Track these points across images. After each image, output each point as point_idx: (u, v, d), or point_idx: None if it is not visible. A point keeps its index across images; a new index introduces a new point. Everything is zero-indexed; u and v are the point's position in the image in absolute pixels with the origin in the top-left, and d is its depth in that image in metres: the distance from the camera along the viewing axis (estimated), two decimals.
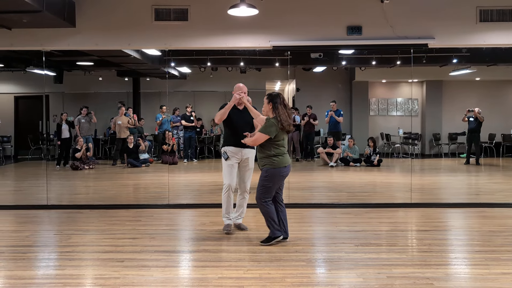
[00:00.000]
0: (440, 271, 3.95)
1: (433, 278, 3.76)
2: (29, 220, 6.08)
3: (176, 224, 5.91)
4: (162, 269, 4.04)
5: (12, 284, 3.72)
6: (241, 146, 5.11)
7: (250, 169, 5.27)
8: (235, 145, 5.15)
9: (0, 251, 4.65)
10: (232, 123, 5.20)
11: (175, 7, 6.66)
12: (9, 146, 12.69)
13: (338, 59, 11.51)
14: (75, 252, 4.55)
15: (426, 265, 4.10)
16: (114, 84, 12.96)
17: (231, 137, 5.23)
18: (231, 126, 5.22)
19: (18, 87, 12.93)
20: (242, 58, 10.95)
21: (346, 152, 11.79)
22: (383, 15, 6.67)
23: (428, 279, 3.75)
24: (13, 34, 6.74)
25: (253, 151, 5.26)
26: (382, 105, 13.75)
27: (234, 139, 5.16)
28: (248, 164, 5.24)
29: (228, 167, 5.17)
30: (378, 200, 7.48)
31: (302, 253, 4.46)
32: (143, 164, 11.50)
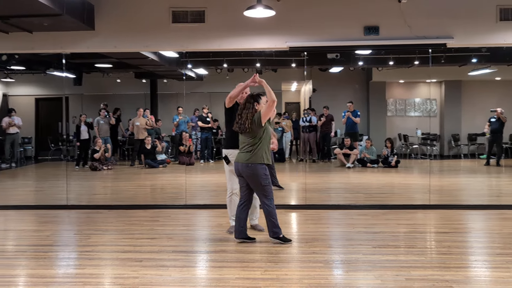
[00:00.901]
0: (460, 274, 3.91)
1: (452, 281, 3.72)
2: (50, 220, 6.19)
3: (193, 225, 5.94)
4: (180, 269, 4.08)
5: (34, 282, 3.79)
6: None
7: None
8: (237, 148, 5.02)
9: (22, 250, 4.75)
10: (233, 124, 5.06)
11: (192, 9, 6.71)
12: (30, 147, 12.93)
13: (355, 60, 11.43)
14: (94, 252, 4.62)
15: (445, 268, 4.05)
16: (132, 86, 13.10)
17: (231, 139, 5.10)
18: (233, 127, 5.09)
19: (38, 89, 13.16)
20: (258, 59, 10.97)
21: (363, 153, 11.71)
22: (400, 15, 6.62)
23: (447, 281, 3.71)
24: (34, 37, 6.88)
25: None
26: (399, 105, 13.61)
27: (234, 141, 5.02)
28: None
29: (230, 172, 5.14)
30: (396, 201, 7.41)
31: (319, 255, 4.45)
32: (160, 165, 11.60)
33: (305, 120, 12.17)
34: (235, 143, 4.99)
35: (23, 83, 13.08)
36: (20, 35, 6.83)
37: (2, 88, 13.13)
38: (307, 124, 12.14)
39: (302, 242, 4.96)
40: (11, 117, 11.70)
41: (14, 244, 5.07)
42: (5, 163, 11.85)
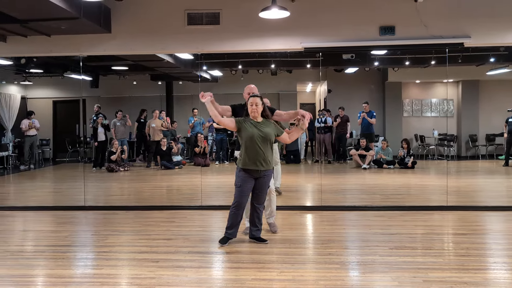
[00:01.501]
0: (478, 276, 3.85)
1: (471, 283, 3.67)
2: (68, 220, 6.27)
3: (209, 225, 5.97)
4: (196, 269, 4.10)
5: (53, 282, 3.85)
6: None
7: (277, 170, 5.21)
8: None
9: (41, 250, 4.82)
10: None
11: (207, 11, 6.74)
12: (48, 149, 13.13)
13: (371, 60, 11.35)
14: (111, 252, 4.67)
15: (463, 270, 3.99)
16: (148, 88, 13.21)
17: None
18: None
19: (56, 92, 13.36)
20: (273, 60, 10.97)
21: (379, 154, 11.62)
22: (416, 14, 6.56)
23: (466, 284, 3.66)
24: (52, 40, 6.99)
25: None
26: (416, 106, 13.47)
27: None
28: None
29: None
30: (412, 202, 7.34)
31: (335, 256, 4.43)
32: (176, 166, 11.67)
33: (320, 121, 12.12)
34: None
35: (41, 86, 13.29)
36: (38, 39, 6.95)
37: (20, 91, 13.36)
38: (322, 125, 12.09)
39: (318, 243, 4.95)
40: (30, 119, 11.90)
41: (33, 244, 5.15)
42: (24, 165, 12.05)
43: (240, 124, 4.73)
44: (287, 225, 5.75)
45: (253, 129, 4.69)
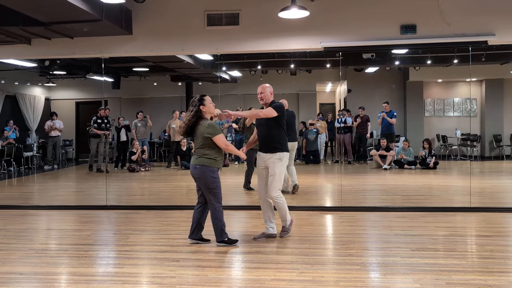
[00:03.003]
0: (503, 279, 3.77)
1: (495, 286, 3.59)
2: (90, 220, 6.37)
3: (228, 225, 5.92)
4: (216, 269, 4.11)
5: (76, 280, 3.91)
6: (261, 150, 5.03)
7: (271, 175, 4.91)
8: (259, 150, 5.08)
9: (64, 248, 4.91)
10: (256, 125, 5.14)
11: (226, 12, 6.77)
12: (71, 149, 13.37)
13: (391, 59, 11.24)
14: (133, 251, 4.73)
15: (488, 272, 3.92)
16: (168, 89, 13.34)
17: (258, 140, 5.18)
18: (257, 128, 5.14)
19: (79, 93, 13.60)
20: (292, 60, 10.95)
21: (400, 154, 11.48)
22: (438, 13, 6.46)
23: (490, 286, 3.58)
24: (75, 42, 7.11)
25: (272, 155, 4.93)
26: (438, 105, 13.28)
27: (260, 144, 5.10)
28: (268, 169, 4.97)
29: (258, 176, 5.13)
30: (434, 203, 7.23)
31: (355, 257, 4.40)
32: None
33: (340, 121, 12.05)
34: (258, 145, 5.10)
35: (64, 87, 13.55)
36: (61, 41, 7.08)
37: (44, 93, 13.65)
38: (342, 125, 12.02)
39: (338, 244, 4.91)
40: (53, 120, 12.14)
41: (56, 243, 5.24)
42: (47, 165, 12.30)
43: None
44: (307, 226, 5.73)
45: None
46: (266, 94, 4.98)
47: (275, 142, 4.93)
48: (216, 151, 4.77)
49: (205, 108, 4.79)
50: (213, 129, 4.70)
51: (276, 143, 4.92)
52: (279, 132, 4.93)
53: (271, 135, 4.93)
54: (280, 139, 4.95)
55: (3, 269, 4.20)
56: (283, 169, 4.98)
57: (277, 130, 4.92)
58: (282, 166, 4.94)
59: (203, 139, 4.74)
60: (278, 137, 4.93)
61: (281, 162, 4.92)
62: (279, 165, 4.91)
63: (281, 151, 4.93)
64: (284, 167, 5.00)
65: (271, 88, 5.04)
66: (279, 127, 4.93)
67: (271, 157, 4.92)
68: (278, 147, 4.92)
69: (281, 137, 4.96)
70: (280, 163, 4.92)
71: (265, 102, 4.99)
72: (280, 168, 4.92)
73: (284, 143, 5.01)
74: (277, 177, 4.90)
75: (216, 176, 4.79)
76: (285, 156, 4.98)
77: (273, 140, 4.93)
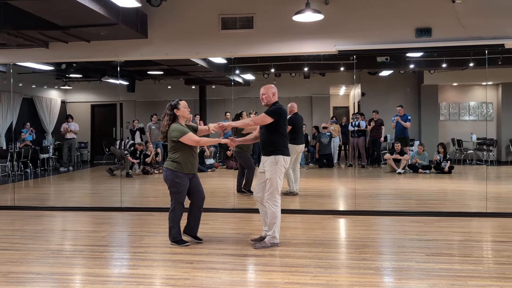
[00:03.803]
0: None
1: None
2: (105, 221, 6.44)
3: (242, 228, 5.99)
4: (230, 272, 4.12)
5: (91, 281, 3.95)
6: (261, 153, 4.99)
7: (267, 179, 4.84)
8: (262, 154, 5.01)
9: (79, 249, 4.97)
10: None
11: (241, 16, 6.80)
12: (86, 152, 13.52)
13: (406, 62, 11.15)
14: (147, 253, 4.76)
15: (505, 278, 3.86)
16: (182, 92, 13.42)
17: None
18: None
19: (94, 96, 13.76)
20: (306, 63, 10.94)
21: (415, 158, 11.38)
22: (454, 16, 6.42)
23: None
24: (91, 46, 7.21)
25: (267, 158, 4.86)
26: (453, 109, 13.15)
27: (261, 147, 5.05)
28: (265, 172, 4.91)
29: (257, 178, 5.10)
30: (449, 208, 7.15)
31: (369, 261, 4.37)
32: (209, 169, 11.79)
33: (354, 124, 12.00)
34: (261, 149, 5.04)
35: (80, 90, 13.73)
36: (78, 45, 7.19)
37: (61, 95, 13.84)
38: (355, 129, 11.97)
39: (352, 248, 4.89)
40: (68, 123, 12.30)
41: (72, 243, 5.30)
42: (63, 167, 12.46)
43: None
44: (321, 229, 5.71)
45: None
46: (268, 95, 4.96)
47: (271, 145, 4.85)
48: (183, 155, 4.88)
49: (179, 112, 4.93)
50: (178, 132, 4.82)
51: (272, 146, 4.84)
52: (276, 136, 4.84)
53: (268, 138, 4.88)
54: (277, 143, 4.83)
55: (21, 269, 4.26)
56: (279, 173, 4.82)
57: (274, 133, 4.84)
58: (277, 169, 4.80)
59: (170, 142, 4.92)
60: (275, 141, 4.84)
61: (276, 165, 4.80)
62: (274, 168, 4.80)
63: (277, 155, 4.81)
64: (280, 171, 4.82)
65: (274, 89, 5.01)
66: (277, 131, 4.84)
67: (267, 160, 4.87)
68: (274, 150, 4.82)
69: (278, 141, 4.84)
70: (275, 167, 4.80)
71: (266, 103, 4.97)
72: (275, 172, 4.80)
73: (282, 146, 4.85)
74: (273, 182, 4.79)
75: (179, 181, 4.88)
76: (282, 159, 4.82)
77: (270, 143, 4.86)
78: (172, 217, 4.98)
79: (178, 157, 4.87)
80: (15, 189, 8.99)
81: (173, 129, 4.84)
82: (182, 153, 4.87)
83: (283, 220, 6.16)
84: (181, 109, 4.95)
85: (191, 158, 4.93)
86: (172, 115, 4.93)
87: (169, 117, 4.92)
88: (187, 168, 4.89)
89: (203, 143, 5.08)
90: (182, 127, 4.86)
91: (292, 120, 7.98)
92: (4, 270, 4.22)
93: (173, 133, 4.83)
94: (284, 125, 4.93)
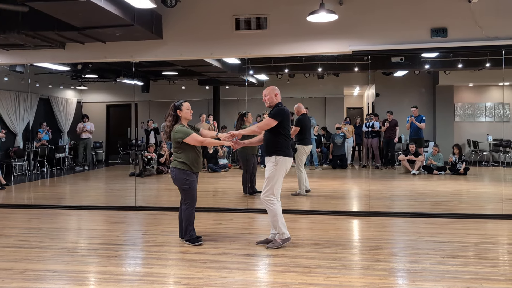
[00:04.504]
0: None
1: None
2: (120, 220, 6.50)
3: (255, 228, 6.01)
4: (243, 271, 4.14)
5: (106, 279, 4.00)
6: (265, 154, 5.00)
7: (265, 177, 4.88)
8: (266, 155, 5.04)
9: (94, 248, 5.03)
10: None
11: (255, 16, 6.82)
12: (101, 151, 13.67)
13: (421, 63, 11.04)
14: (161, 252, 4.80)
15: None
16: (196, 92, 13.50)
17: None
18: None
19: (109, 96, 13.90)
20: (319, 64, 10.90)
21: (429, 159, 11.28)
22: (470, 15, 6.34)
23: None
24: (106, 47, 7.29)
25: (269, 158, 4.88)
26: (469, 110, 12.98)
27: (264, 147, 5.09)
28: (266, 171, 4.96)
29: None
30: (465, 210, 7.07)
31: (383, 263, 4.35)
32: (222, 169, 11.83)
33: (368, 125, 11.93)
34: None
35: (95, 91, 13.89)
36: (94, 45, 7.27)
37: (76, 96, 14.01)
38: (369, 130, 11.90)
39: (366, 249, 4.87)
40: (84, 123, 12.45)
41: (87, 242, 5.37)
42: (79, 166, 12.61)
43: None
44: (334, 230, 5.70)
45: None
46: (270, 97, 4.99)
47: (273, 146, 4.87)
48: (187, 155, 4.96)
49: (181, 113, 5.01)
50: (182, 133, 4.90)
51: (274, 146, 4.86)
52: (278, 136, 4.85)
53: (270, 138, 4.91)
54: (279, 143, 4.84)
55: (37, 267, 4.33)
56: (278, 173, 4.81)
57: (276, 134, 4.85)
58: (277, 170, 4.81)
59: (174, 143, 5.00)
60: (277, 141, 4.85)
61: (277, 166, 4.81)
62: (273, 168, 4.81)
63: (278, 155, 4.82)
64: (279, 171, 4.82)
65: (277, 90, 5.03)
66: (279, 132, 4.84)
67: (268, 160, 4.90)
68: (276, 150, 4.84)
69: (280, 141, 4.84)
70: (275, 167, 4.81)
71: (269, 104, 5.01)
72: (274, 172, 4.81)
73: (283, 147, 4.84)
74: (270, 180, 4.81)
75: (190, 178, 4.98)
76: (282, 160, 4.81)
77: (272, 144, 4.88)
78: (187, 217, 5.04)
79: (184, 157, 4.96)
80: (31, 188, 9.14)
81: (177, 130, 4.92)
82: (187, 153, 4.96)
83: (296, 221, 6.18)
84: (184, 111, 5.02)
85: (196, 157, 5.03)
86: (175, 115, 5.01)
87: (172, 117, 5.01)
88: (194, 167, 5.00)
89: (207, 143, 5.13)
90: (185, 128, 4.94)
91: (300, 121, 8.00)
92: (21, 268, 4.29)
93: (177, 135, 4.91)
94: (287, 125, 4.92)
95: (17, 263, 4.43)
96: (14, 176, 11.05)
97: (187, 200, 5.04)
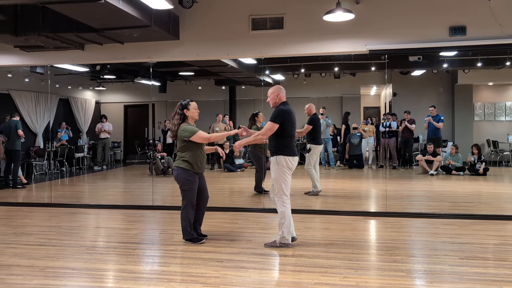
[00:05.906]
0: None
1: None
2: (137, 219, 6.57)
3: (271, 228, 6.00)
4: (259, 271, 4.15)
5: (124, 277, 4.05)
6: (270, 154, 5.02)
7: (271, 178, 4.91)
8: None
9: (113, 246, 5.09)
10: None
11: (271, 16, 6.82)
12: (119, 151, 13.84)
13: (439, 62, 10.92)
14: (178, 251, 4.84)
15: None
16: (212, 92, 13.57)
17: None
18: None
19: (127, 97, 14.07)
20: (336, 63, 10.86)
21: (448, 159, 11.13)
22: (490, 13, 6.24)
23: None
24: (124, 48, 7.38)
25: (272, 159, 4.89)
26: (488, 109, 12.78)
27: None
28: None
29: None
30: (484, 211, 6.96)
31: (401, 263, 4.31)
32: (239, 169, 11.86)
33: (385, 125, 11.84)
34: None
35: (113, 91, 14.06)
36: (112, 46, 7.36)
37: (95, 96, 14.21)
38: (386, 130, 11.81)
39: (383, 250, 4.83)
40: (102, 123, 12.62)
41: (105, 240, 5.44)
42: (97, 166, 12.78)
43: None
44: (351, 230, 5.67)
45: None
46: (272, 98, 4.99)
47: (274, 146, 4.89)
48: (193, 155, 4.98)
49: (188, 112, 5.02)
50: (189, 132, 4.92)
51: (275, 146, 4.87)
52: (279, 136, 4.84)
53: (272, 138, 4.92)
54: (279, 143, 4.85)
55: (57, 264, 4.41)
56: (280, 172, 4.82)
57: (277, 133, 4.84)
58: (279, 170, 4.81)
59: (180, 142, 5.01)
60: (278, 141, 4.85)
61: (278, 166, 4.81)
62: (276, 169, 4.83)
63: (279, 155, 4.82)
64: (282, 171, 4.81)
65: (279, 90, 5.02)
66: (280, 131, 4.83)
67: (271, 161, 4.92)
68: (276, 150, 4.85)
69: (280, 141, 4.84)
70: (277, 167, 4.82)
71: (273, 105, 5.02)
72: (277, 173, 4.82)
73: (284, 147, 4.84)
74: (275, 181, 4.83)
75: (192, 178, 4.98)
76: (283, 159, 4.80)
77: (273, 144, 4.91)
78: (184, 216, 5.06)
79: (188, 157, 4.98)
80: (51, 187, 9.29)
81: (184, 129, 4.95)
82: (192, 152, 4.99)
83: (313, 221, 6.17)
84: (191, 110, 5.05)
85: (200, 157, 5.05)
86: (182, 114, 5.03)
87: (179, 116, 5.02)
88: (197, 167, 5.02)
89: (214, 138, 5.16)
90: (192, 127, 4.99)
91: (313, 120, 8.07)
92: (42, 265, 4.37)
93: (184, 133, 4.93)
94: (289, 125, 4.89)
95: (38, 261, 4.51)
96: (35, 175, 11.26)
97: (184, 201, 5.05)
